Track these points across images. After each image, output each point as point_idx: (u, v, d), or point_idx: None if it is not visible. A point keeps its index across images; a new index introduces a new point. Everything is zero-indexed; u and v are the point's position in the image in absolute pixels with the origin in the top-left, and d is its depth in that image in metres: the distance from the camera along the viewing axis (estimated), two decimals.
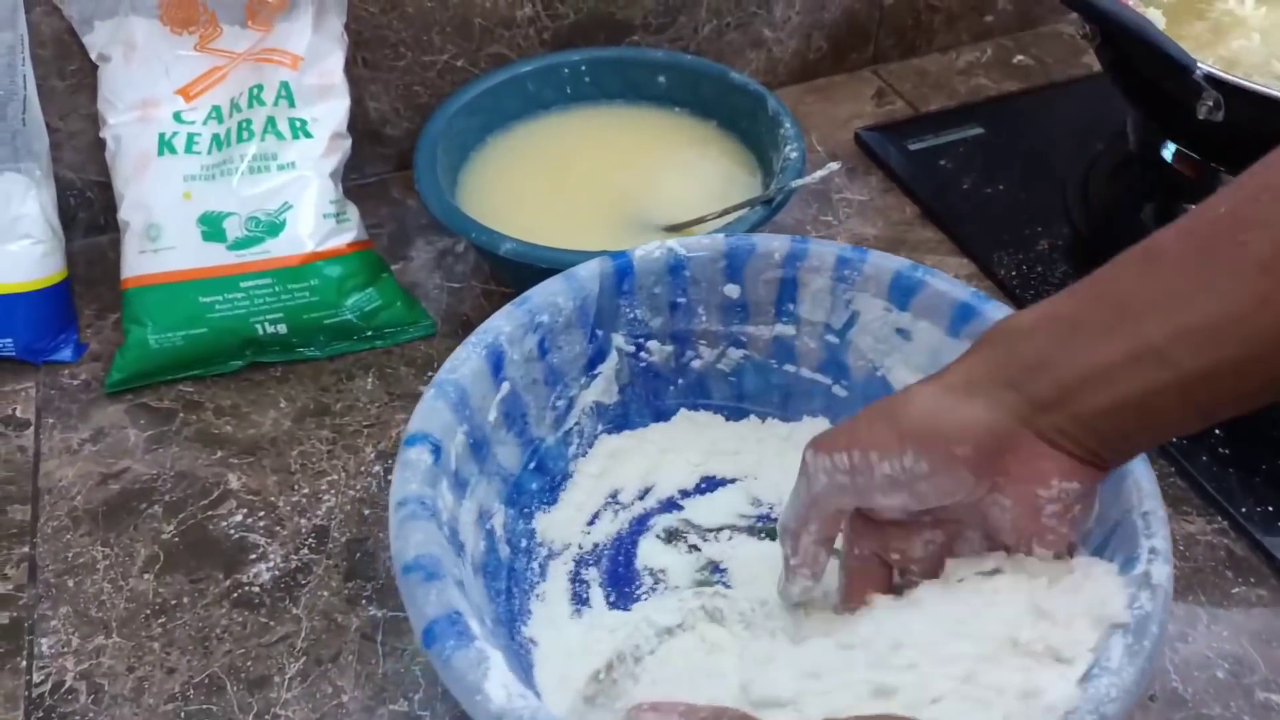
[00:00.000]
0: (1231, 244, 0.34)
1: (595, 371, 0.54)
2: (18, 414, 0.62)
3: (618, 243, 0.61)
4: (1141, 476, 0.42)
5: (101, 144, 0.66)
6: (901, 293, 0.51)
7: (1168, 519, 0.41)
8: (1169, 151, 0.69)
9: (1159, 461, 0.58)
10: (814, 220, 0.74)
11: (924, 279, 0.51)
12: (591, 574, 0.52)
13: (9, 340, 0.63)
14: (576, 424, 0.54)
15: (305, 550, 0.55)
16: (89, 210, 0.73)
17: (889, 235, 0.73)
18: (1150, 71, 0.61)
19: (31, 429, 0.61)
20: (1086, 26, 0.64)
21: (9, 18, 0.60)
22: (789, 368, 0.56)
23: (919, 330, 0.51)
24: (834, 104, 0.85)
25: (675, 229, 0.66)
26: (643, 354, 0.55)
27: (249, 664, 0.50)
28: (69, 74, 0.67)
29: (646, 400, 0.56)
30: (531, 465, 0.52)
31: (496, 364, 0.48)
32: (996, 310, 0.49)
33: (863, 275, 0.52)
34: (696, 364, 0.56)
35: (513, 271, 0.63)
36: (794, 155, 0.65)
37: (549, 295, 0.50)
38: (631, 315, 0.53)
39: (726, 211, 0.65)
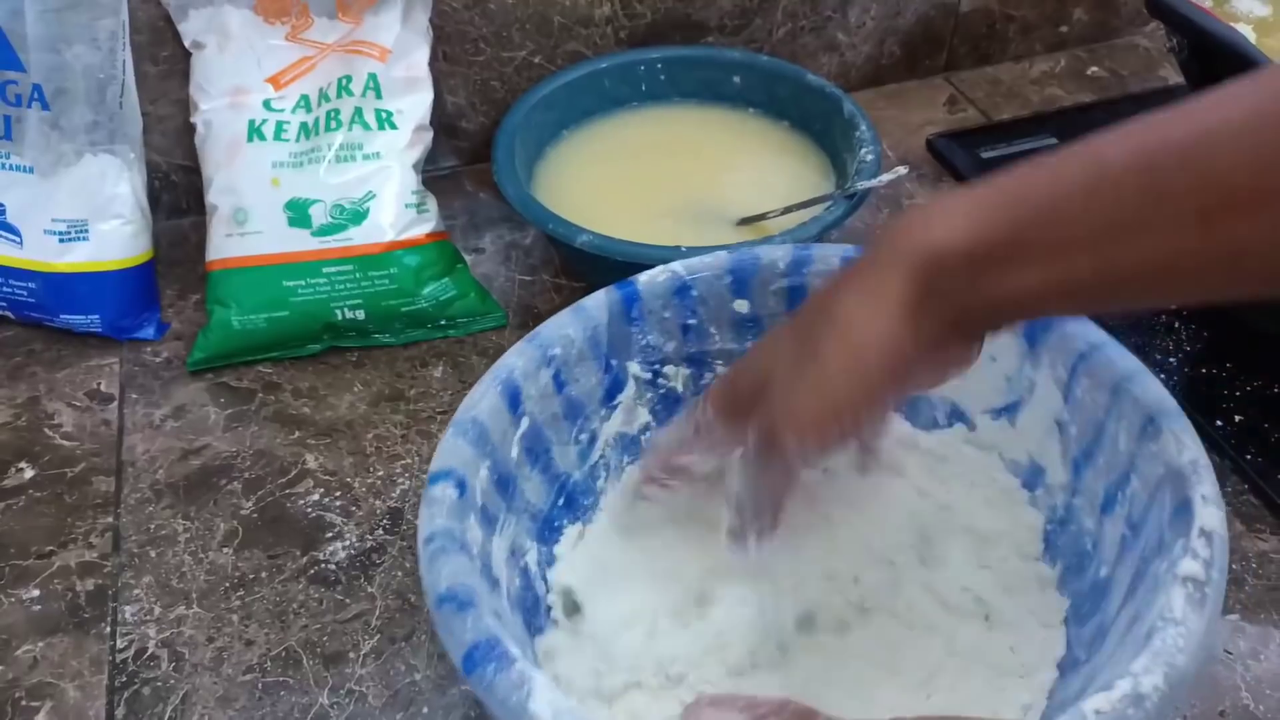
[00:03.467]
0: (1180, 182, 0.32)
1: (614, 402, 0.53)
2: (103, 388, 0.64)
3: (689, 238, 0.62)
4: (1178, 428, 0.42)
5: (189, 129, 0.67)
6: None
7: (1211, 466, 0.41)
8: None
9: (1231, 478, 0.57)
10: (884, 226, 0.74)
11: None
12: None
13: (96, 317, 0.65)
14: (602, 457, 0.53)
15: (380, 531, 0.56)
16: (173, 193, 0.75)
17: None
18: None
19: (115, 403, 0.63)
20: (1173, 39, 0.63)
21: (112, 4, 0.62)
22: None
23: None
24: (906, 110, 0.85)
25: (747, 223, 0.67)
26: (661, 380, 0.54)
27: (325, 639, 0.51)
28: (161, 60, 0.69)
29: None
30: (560, 502, 0.51)
31: (514, 399, 0.48)
32: None
33: None
34: None
35: (587, 264, 0.64)
36: (870, 158, 0.66)
37: (559, 328, 0.50)
38: (644, 342, 0.52)
39: (798, 206, 0.65)
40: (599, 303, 0.51)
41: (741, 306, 0.53)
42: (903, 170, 0.64)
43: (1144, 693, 0.34)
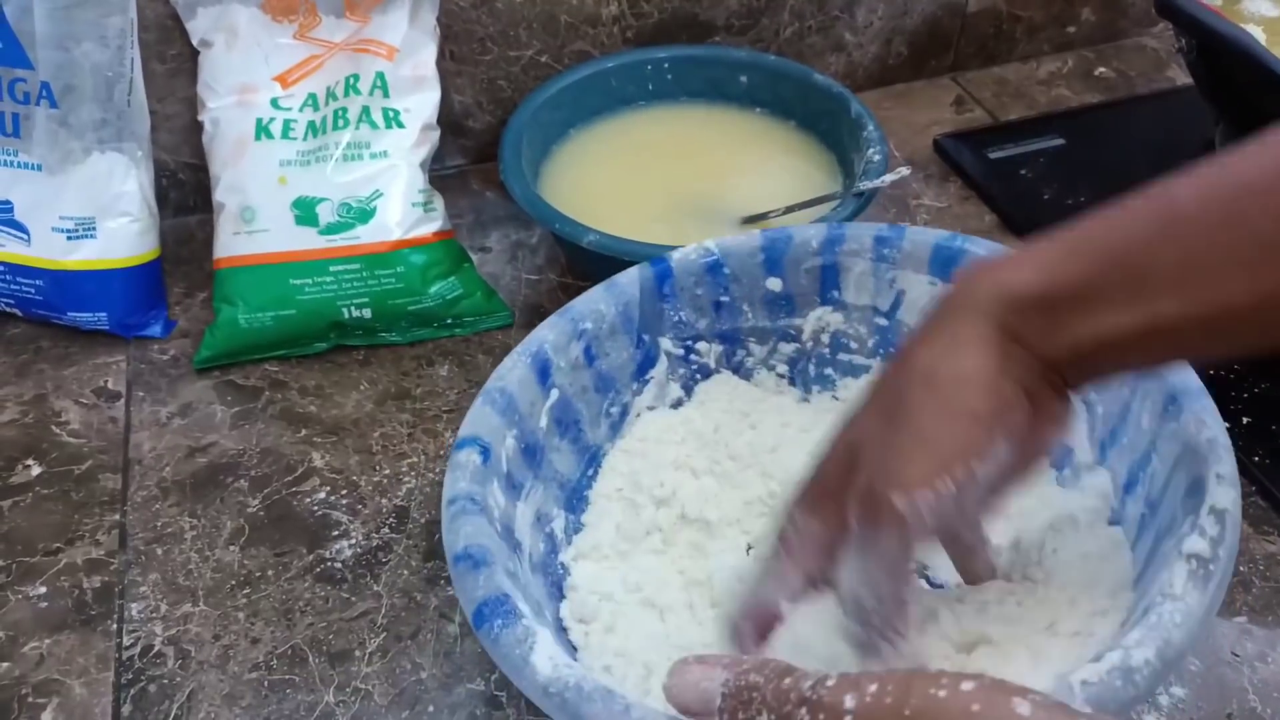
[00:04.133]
0: (1262, 215, 0.32)
1: (646, 377, 0.54)
2: (109, 386, 0.64)
3: (694, 237, 0.61)
4: (1199, 407, 0.42)
5: (197, 127, 0.67)
6: (943, 264, 0.51)
7: (1232, 448, 0.41)
8: None
9: (1239, 480, 0.57)
10: None
11: (964, 247, 0.51)
12: None
13: (103, 314, 0.65)
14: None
15: (386, 529, 0.56)
16: (180, 191, 0.75)
17: None
18: (1248, 87, 0.60)
19: (122, 401, 0.63)
20: (1181, 40, 0.63)
21: (120, 2, 0.62)
22: (843, 357, 0.56)
23: None
24: (912, 110, 0.85)
25: (751, 221, 0.67)
26: (693, 356, 0.55)
27: (331, 637, 0.51)
28: (169, 58, 0.69)
29: None
30: (591, 472, 0.52)
31: (543, 371, 0.49)
32: None
33: (902, 252, 0.52)
34: (749, 361, 0.56)
35: (594, 263, 0.64)
36: (877, 158, 0.66)
37: (591, 303, 0.51)
38: (676, 318, 0.53)
39: (800, 206, 0.66)
40: (632, 279, 0.52)
41: (774, 284, 0.53)
42: (905, 170, 0.64)
43: (1134, 665, 0.34)
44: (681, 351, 0.54)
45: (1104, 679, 0.33)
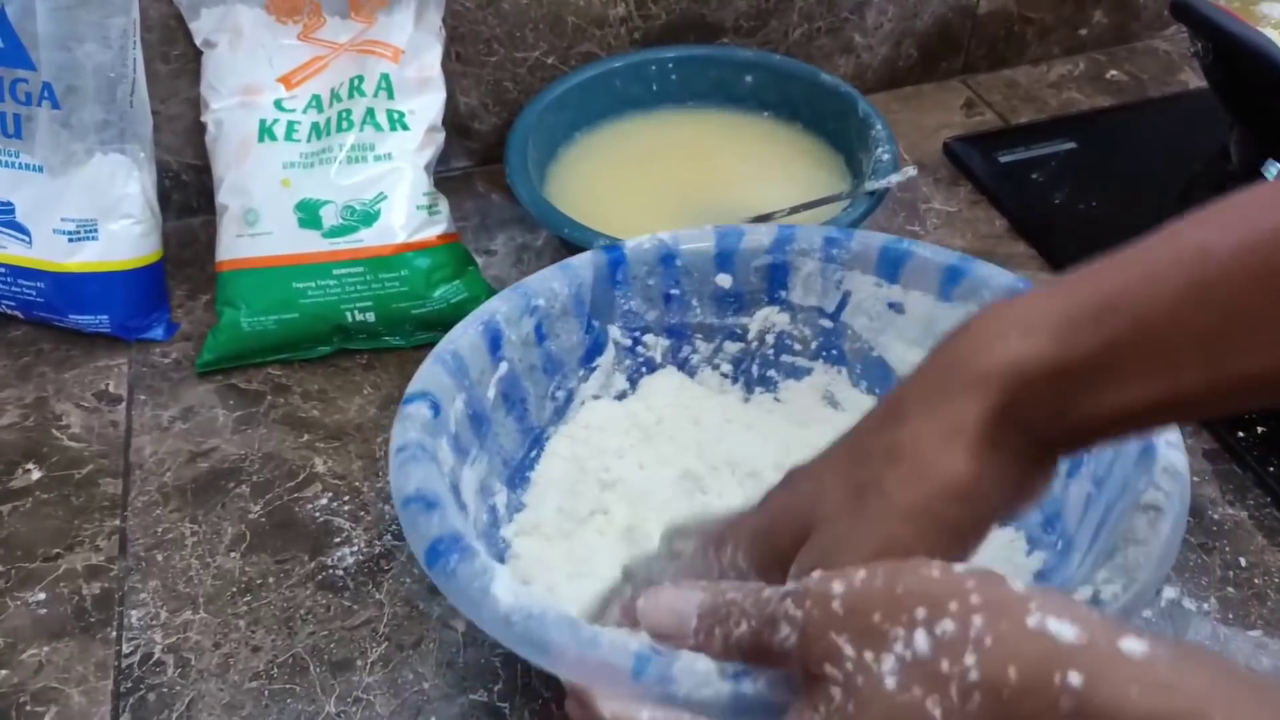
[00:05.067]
0: None
1: (593, 364, 0.54)
2: (111, 389, 0.63)
3: None
4: None
5: (200, 128, 0.67)
6: (890, 265, 0.52)
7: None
8: (1272, 172, 0.67)
9: (1254, 490, 0.57)
10: (900, 230, 0.73)
11: (910, 249, 0.52)
12: None
13: (104, 317, 0.64)
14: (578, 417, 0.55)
15: (389, 536, 0.55)
16: (183, 192, 0.74)
17: (978, 248, 0.72)
18: (1265, 90, 0.59)
19: (124, 405, 0.62)
20: (1196, 43, 0.62)
21: (123, 3, 0.61)
22: (786, 358, 0.56)
23: (911, 301, 0.52)
24: (922, 113, 0.84)
25: (758, 221, 0.66)
26: (640, 348, 0.55)
27: (332, 646, 0.51)
28: (172, 58, 0.69)
29: None
30: (533, 453, 0.53)
31: (494, 341, 0.49)
32: (983, 269, 0.50)
33: (851, 253, 0.53)
34: (694, 359, 0.56)
35: None
36: (886, 158, 0.65)
37: (544, 281, 0.51)
38: (627, 307, 0.54)
39: (806, 206, 0.65)
40: (585, 262, 0.52)
41: (724, 280, 0.54)
42: (912, 171, 0.64)
43: (1104, 599, 0.36)
44: (629, 342, 0.55)
45: None
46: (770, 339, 0.56)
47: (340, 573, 0.54)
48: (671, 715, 0.32)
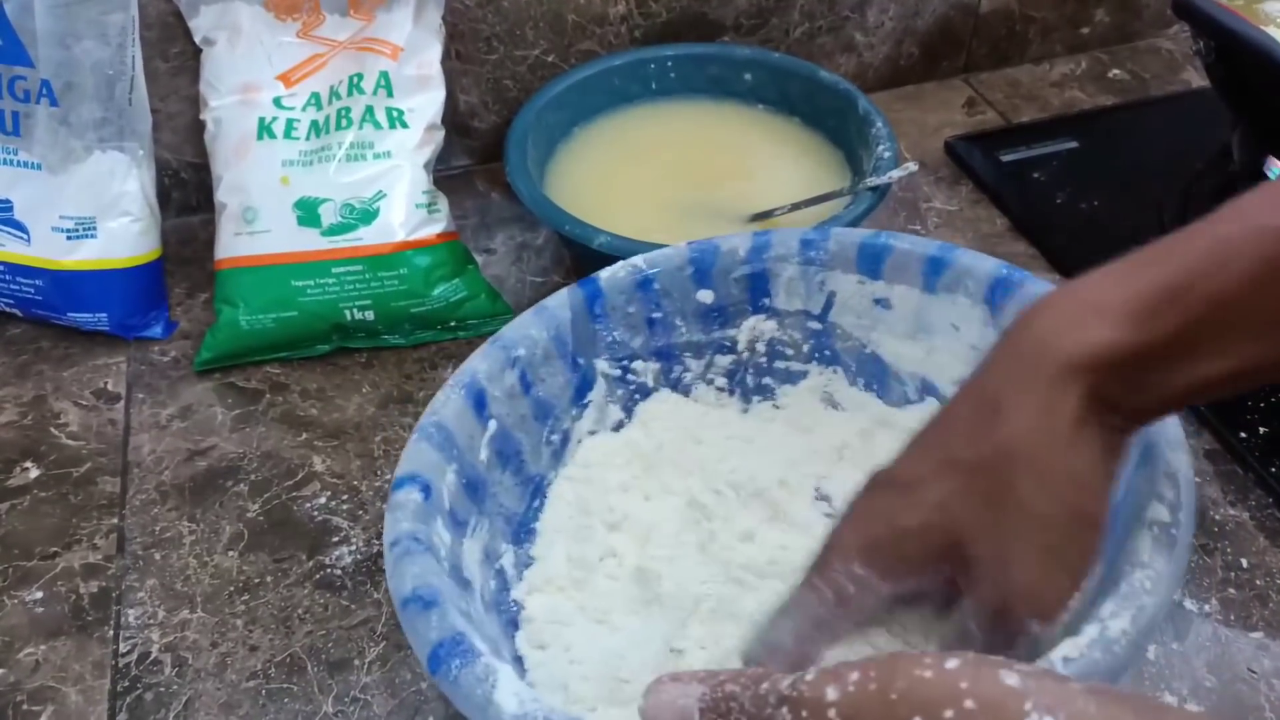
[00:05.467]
0: None
1: (585, 401, 0.52)
2: (109, 387, 0.63)
3: (702, 235, 0.61)
4: None
5: (199, 126, 0.67)
6: (870, 261, 0.51)
7: (1178, 415, 0.41)
8: (1275, 172, 0.67)
9: (1255, 491, 0.56)
10: (902, 229, 0.73)
11: (889, 243, 0.50)
12: None
13: (103, 315, 0.64)
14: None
15: None
16: (182, 190, 0.74)
17: (978, 247, 0.70)
18: (1268, 89, 0.59)
19: (122, 403, 0.62)
20: (1199, 42, 0.62)
21: (122, 0, 0.61)
22: (779, 364, 0.55)
23: (897, 295, 0.51)
24: (924, 111, 0.84)
25: (758, 219, 0.66)
26: (630, 376, 0.53)
27: (330, 646, 0.50)
28: (172, 56, 0.68)
29: None
30: (536, 504, 0.51)
31: (479, 402, 0.47)
32: (966, 257, 0.49)
33: (829, 253, 0.51)
34: (687, 377, 0.55)
35: (603, 265, 0.63)
36: (887, 154, 0.65)
37: (521, 329, 0.49)
38: (610, 338, 0.52)
39: (808, 203, 0.65)
40: (561, 301, 0.51)
41: (705, 296, 0.53)
42: (913, 166, 0.64)
43: (1112, 637, 0.34)
44: (618, 372, 0.53)
45: (1085, 653, 0.34)
46: (761, 347, 0.55)
47: (338, 572, 0.53)
48: None
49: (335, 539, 0.55)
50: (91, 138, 0.63)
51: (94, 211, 0.63)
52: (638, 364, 0.53)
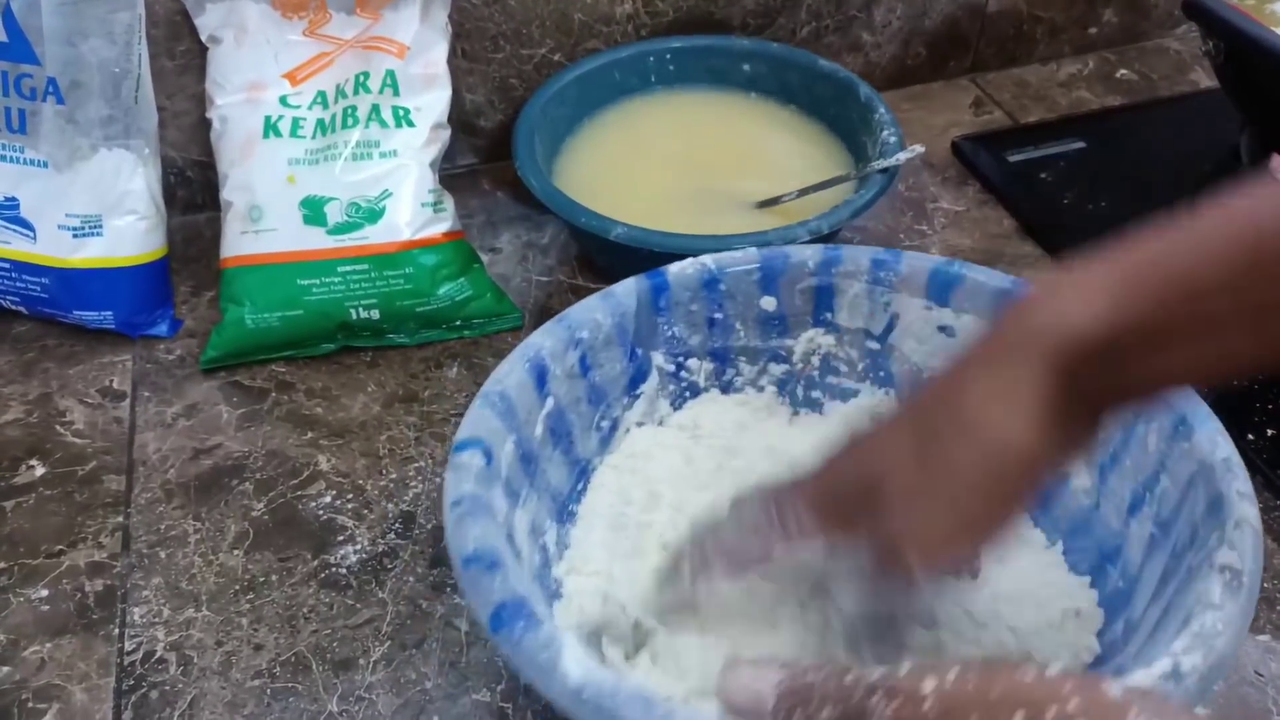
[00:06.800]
0: None
1: (637, 391, 0.53)
2: (114, 385, 0.63)
3: (710, 224, 0.62)
4: (1211, 429, 0.43)
5: (205, 124, 0.67)
6: (940, 289, 0.51)
7: (1244, 465, 0.42)
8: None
9: (1263, 494, 0.56)
10: (908, 229, 0.73)
11: (962, 272, 0.50)
12: None
13: (109, 313, 0.64)
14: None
15: (392, 535, 0.55)
16: (188, 188, 0.74)
17: (985, 248, 0.71)
18: (1277, 90, 0.59)
19: (127, 401, 0.62)
20: (1209, 43, 0.62)
21: None
22: (831, 380, 0.55)
23: (963, 324, 0.51)
24: (931, 111, 0.83)
25: (765, 205, 0.66)
26: (684, 373, 0.54)
27: (335, 645, 0.50)
28: (178, 54, 0.68)
29: None
30: (580, 486, 0.52)
31: (540, 378, 0.48)
32: None
33: (899, 276, 0.51)
34: (738, 381, 0.55)
35: (618, 257, 0.64)
36: (892, 140, 0.66)
37: (588, 311, 0.50)
38: (670, 333, 0.53)
39: (814, 188, 0.66)
40: (628, 290, 0.51)
41: (768, 304, 0.53)
42: (920, 149, 0.64)
43: (1184, 671, 0.35)
44: (673, 367, 0.54)
45: (1156, 683, 0.34)
46: (816, 361, 0.54)
47: (343, 571, 0.53)
48: None
49: (340, 538, 0.55)
50: (98, 136, 0.63)
51: (100, 209, 0.63)
52: (692, 362, 0.54)
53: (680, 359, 0.53)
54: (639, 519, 0.50)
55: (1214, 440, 0.42)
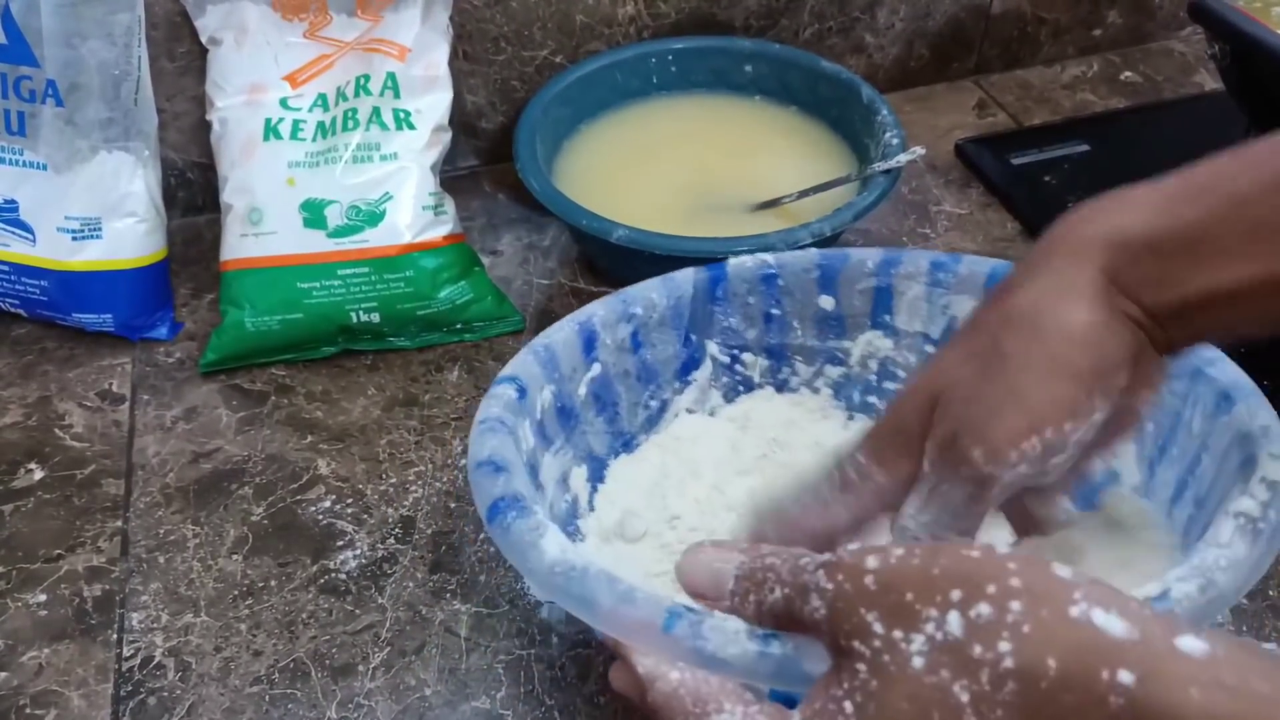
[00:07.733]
0: None
1: (689, 377, 0.54)
2: (114, 389, 0.63)
3: (709, 226, 0.62)
4: (1255, 402, 0.42)
5: (205, 126, 0.66)
6: None
7: None
8: None
9: None
10: (911, 232, 0.72)
11: None
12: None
13: (108, 316, 0.64)
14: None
15: (391, 540, 0.55)
16: (188, 190, 0.74)
17: (989, 251, 0.71)
18: None
19: (127, 404, 0.62)
20: (1214, 45, 0.62)
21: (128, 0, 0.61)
22: (889, 385, 0.54)
23: None
24: (934, 113, 0.83)
25: (763, 208, 0.66)
26: (738, 366, 0.55)
27: (334, 651, 0.50)
28: (178, 56, 0.68)
29: None
30: (620, 458, 0.53)
31: (589, 341, 0.50)
32: None
33: (958, 277, 0.51)
34: (794, 381, 0.55)
35: (619, 259, 0.63)
36: (895, 140, 0.66)
37: (644, 290, 0.52)
38: (726, 323, 0.53)
39: (813, 190, 0.65)
40: (687, 276, 0.52)
41: (827, 303, 0.53)
42: (921, 150, 0.64)
43: (1174, 596, 0.33)
44: (727, 359, 0.54)
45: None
46: (874, 365, 0.54)
47: (343, 577, 0.53)
48: (701, 675, 0.32)
49: (340, 543, 0.55)
50: (97, 138, 0.62)
51: (99, 212, 0.63)
52: (747, 356, 0.55)
53: (735, 351, 0.54)
54: (676, 489, 0.51)
55: (1254, 410, 0.41)
